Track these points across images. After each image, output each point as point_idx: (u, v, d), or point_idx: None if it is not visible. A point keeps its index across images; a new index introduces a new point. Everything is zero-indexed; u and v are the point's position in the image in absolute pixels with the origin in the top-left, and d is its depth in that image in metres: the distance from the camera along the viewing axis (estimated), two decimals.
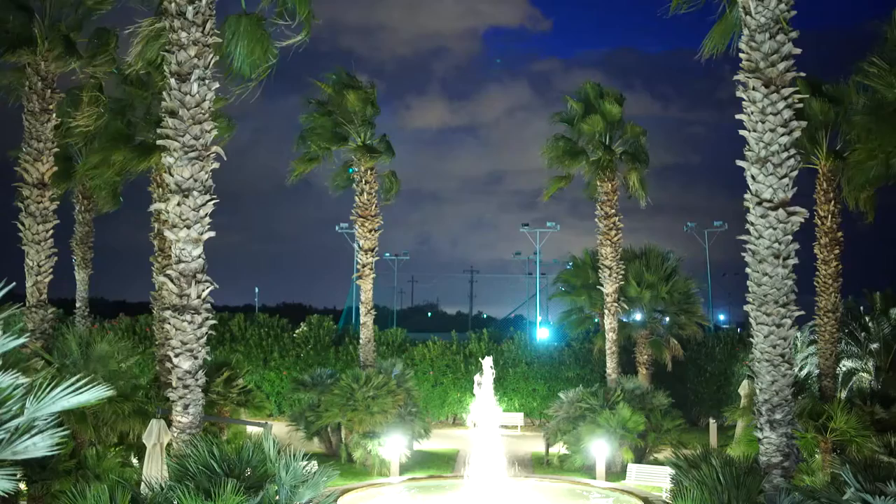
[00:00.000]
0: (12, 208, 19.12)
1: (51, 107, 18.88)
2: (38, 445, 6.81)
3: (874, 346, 23.67)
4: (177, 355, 14.19)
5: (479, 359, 35.07)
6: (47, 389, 6.96)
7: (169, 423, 14.77)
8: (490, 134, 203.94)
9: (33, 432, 6.79)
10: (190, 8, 13.91)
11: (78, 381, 7.14)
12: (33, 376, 9.34)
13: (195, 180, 14.08)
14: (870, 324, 24.01)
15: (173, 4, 13.92)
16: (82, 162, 24.79)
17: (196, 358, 14.26)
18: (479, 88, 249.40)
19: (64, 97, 19.82)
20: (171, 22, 13.99)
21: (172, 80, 14.05)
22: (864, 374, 23.57)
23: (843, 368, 23.61)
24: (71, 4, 15.77)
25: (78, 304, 30.14)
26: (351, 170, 29.39)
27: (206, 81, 14.16)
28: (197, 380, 14.28)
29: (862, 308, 24.81)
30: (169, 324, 14.33)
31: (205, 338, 14.45)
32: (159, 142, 14.41)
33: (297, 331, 38.30)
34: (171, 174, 14.16)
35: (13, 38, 18.31)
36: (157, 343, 23.28)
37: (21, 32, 18.48)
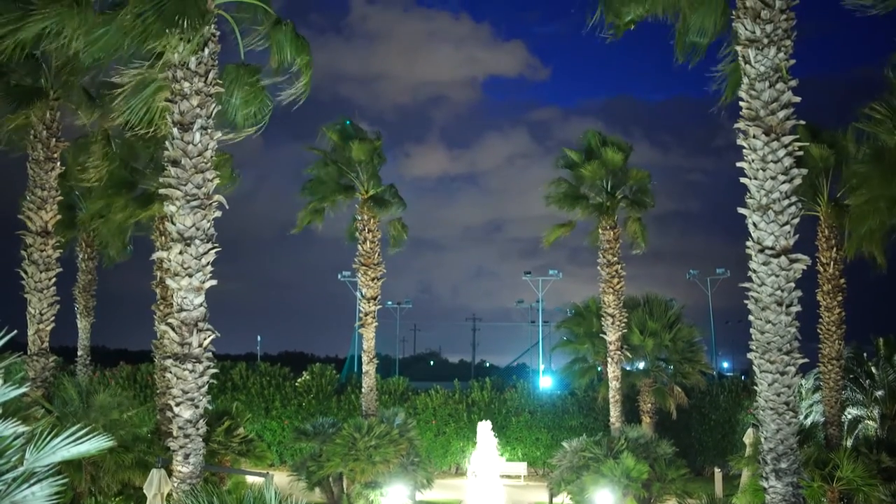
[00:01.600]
0: (14, 256, 19.18)
1: (55, 155, 19.01)
2: (37, 495, 6.75)
3: (879, 393, 23.54)
4: (178, 404, 14.11)
5: (483, 407, 35.05)
6: (47, 439, 6.93)
7: (169, 473, 14.65)
8: (490, 182, 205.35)
9: (32, 481, 6.74)
10: (193, 59, 14.06)
11: (78, 430, 7.11)
12: (33, 425, 9.29)
13: (197, 229, 14.13)
14: (874, 370, 23.90)
15: (176, 55, 14.07)
16: (87, 210, 24.92)
17: (197, 407, 14.18)
18: (478, 136, 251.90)
19: (68, 145, 19.95)
20: (173, 72, 14.12)
21: (175, 130, 14.16)
22: (870, 422, 23.41)
23: (849, 416, 23.46)
24: (76, 56, 15.92)
25: (79, 353, 30.10)
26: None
27: (209, 131, 14.27)
28: (198, 429, 14.18)
29: (866, 354, 24.71)
30: (170, 372, 14.26)
31: (206, 387, 14.37)
32: (161, 191, 14.49)
33: (298, 380, 38.09)
34: (173, 223, 14.21)
35: (22, 91, 18.49)
36: (158, 392, 23.18)
37: (30, 84, 18.68)
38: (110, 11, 13.87)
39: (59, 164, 19.18)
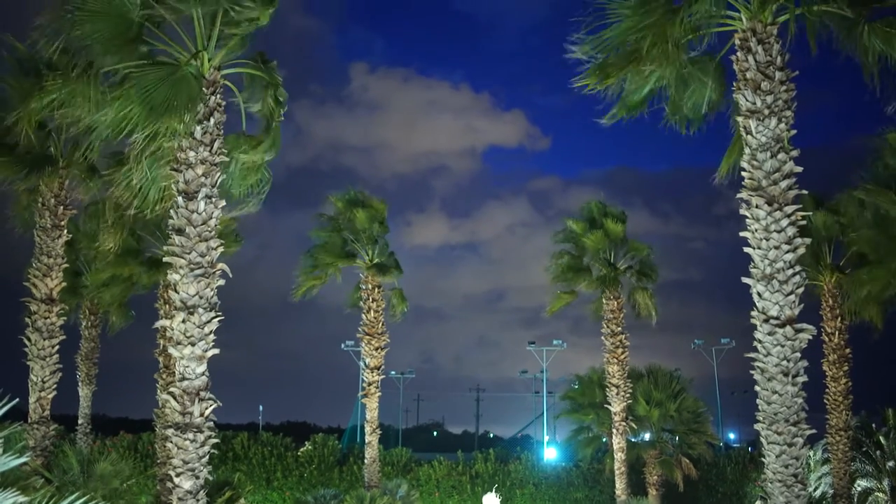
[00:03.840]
0: (17, 323, 19.14)
1: (62, 223, 19.10)
2: None
3: (889, 464, 23.24)
4: (178, 475, 13.94)
5: (486, 479, 34.64)
6: None
7: None
8: (491, 251, 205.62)
9: None
10: (198, 128, 14.23)
11: (76, 499, 7.04)
12: (32, 495, 9.19)
13: (200, 297, 14.12)
14: (883, 441, 23.64)
15: (182, 125, 14.23)
16: (91, 277, 24.95)
17: (198, 478, 14.01)
18: (479, 206, 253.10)
19: (76, 213, 20.07)
20: (179, 141, 14.27)
21: (179, 199, 14.25)
22: (880, 494, 23.08)
23: (858, 488, 23.14)
24: (87, 130, 16.13)
25: (80, 421, 29.88)
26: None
27: (213, 199, 14.36)
28: (198, 500, 13.98)
29: (874, 425, 24.46)
30: (171, 442, 14.10)
31: (207, 457, 14.21)
32: (165, 259, 14.52)
33: (300, 450, 37.69)
34: (176, 291, 14.21)
35: (33, 160, 18.65)
36: (158, 462, 22.93)
37: (40, 153, 18.85)
38: (117, 86, 14.16)
39: (65, 231, 19.27)
